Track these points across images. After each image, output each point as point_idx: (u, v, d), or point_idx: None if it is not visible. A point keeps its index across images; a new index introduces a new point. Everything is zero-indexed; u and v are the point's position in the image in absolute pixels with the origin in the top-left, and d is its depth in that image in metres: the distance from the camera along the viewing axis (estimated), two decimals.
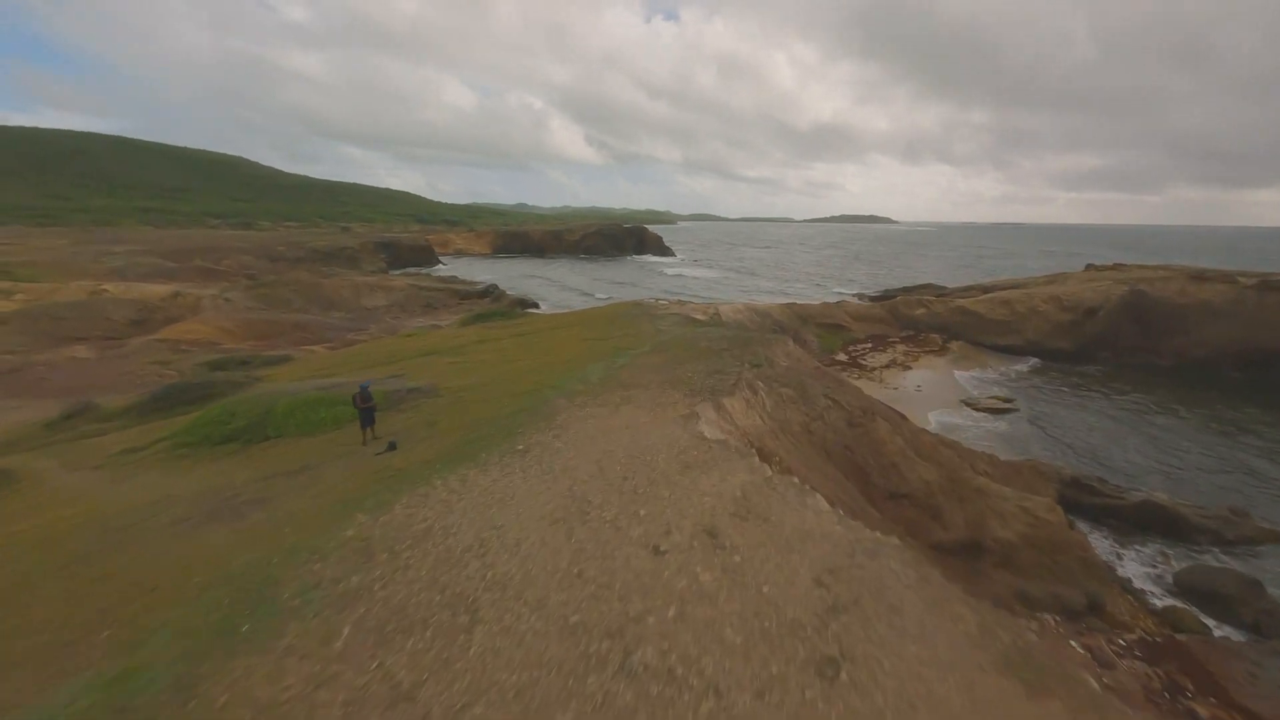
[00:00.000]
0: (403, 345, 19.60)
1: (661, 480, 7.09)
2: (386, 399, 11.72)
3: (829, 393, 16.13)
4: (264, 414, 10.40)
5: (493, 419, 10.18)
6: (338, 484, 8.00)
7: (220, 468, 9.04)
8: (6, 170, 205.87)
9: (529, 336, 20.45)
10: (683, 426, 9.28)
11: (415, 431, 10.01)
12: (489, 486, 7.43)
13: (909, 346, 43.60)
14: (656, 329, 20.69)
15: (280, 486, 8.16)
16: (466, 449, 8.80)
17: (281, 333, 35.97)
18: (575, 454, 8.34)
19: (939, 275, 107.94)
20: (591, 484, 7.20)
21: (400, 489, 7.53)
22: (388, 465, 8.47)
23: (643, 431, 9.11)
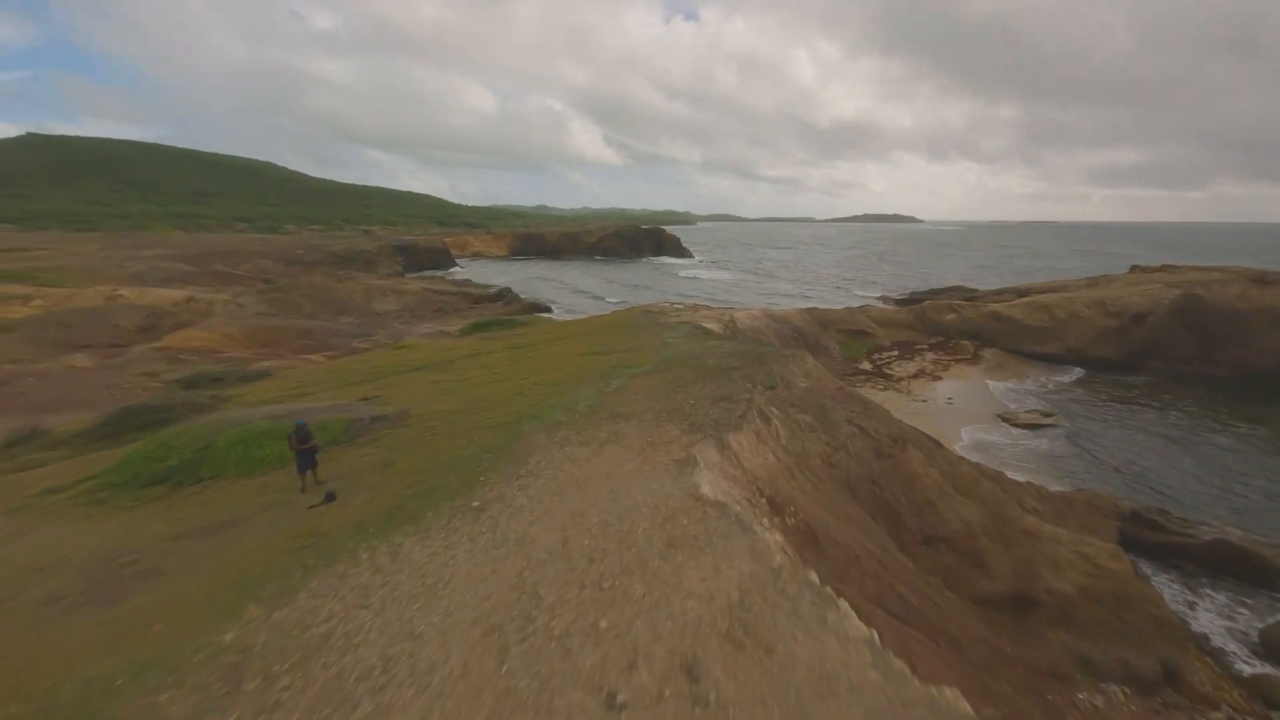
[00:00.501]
0: (391, 360, 18.36)
1: (637, 567, 5.47)
2: (347, 430, 10.36)
3: (853, 418, 14.27)
4: (203, 450, 9.16)
5: (456, 460, 8.69)
6: (249, 552, 6.59)
7: (134, 520, 7.77)
8: (49, 178, 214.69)
9: (524, 350, 19.03)
10: (675, 477, 7.64)
11: (364, 475, 8.59)
12: (424, 564, 5.91)
13: (938, 354, 41.06)
14: (663, 341, 19.06)
15: (185, 552, 6.80)
16: (414, 504, 7.31)
17: (286, 340, 35.34)
18: (539, 515, 6.77)
19: (967, 277, 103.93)
20: (548, 568, 5.62)
21: (316, 564, 6.06)
22: (315, 526, 7.03)
23: (626, 483, 7.50)
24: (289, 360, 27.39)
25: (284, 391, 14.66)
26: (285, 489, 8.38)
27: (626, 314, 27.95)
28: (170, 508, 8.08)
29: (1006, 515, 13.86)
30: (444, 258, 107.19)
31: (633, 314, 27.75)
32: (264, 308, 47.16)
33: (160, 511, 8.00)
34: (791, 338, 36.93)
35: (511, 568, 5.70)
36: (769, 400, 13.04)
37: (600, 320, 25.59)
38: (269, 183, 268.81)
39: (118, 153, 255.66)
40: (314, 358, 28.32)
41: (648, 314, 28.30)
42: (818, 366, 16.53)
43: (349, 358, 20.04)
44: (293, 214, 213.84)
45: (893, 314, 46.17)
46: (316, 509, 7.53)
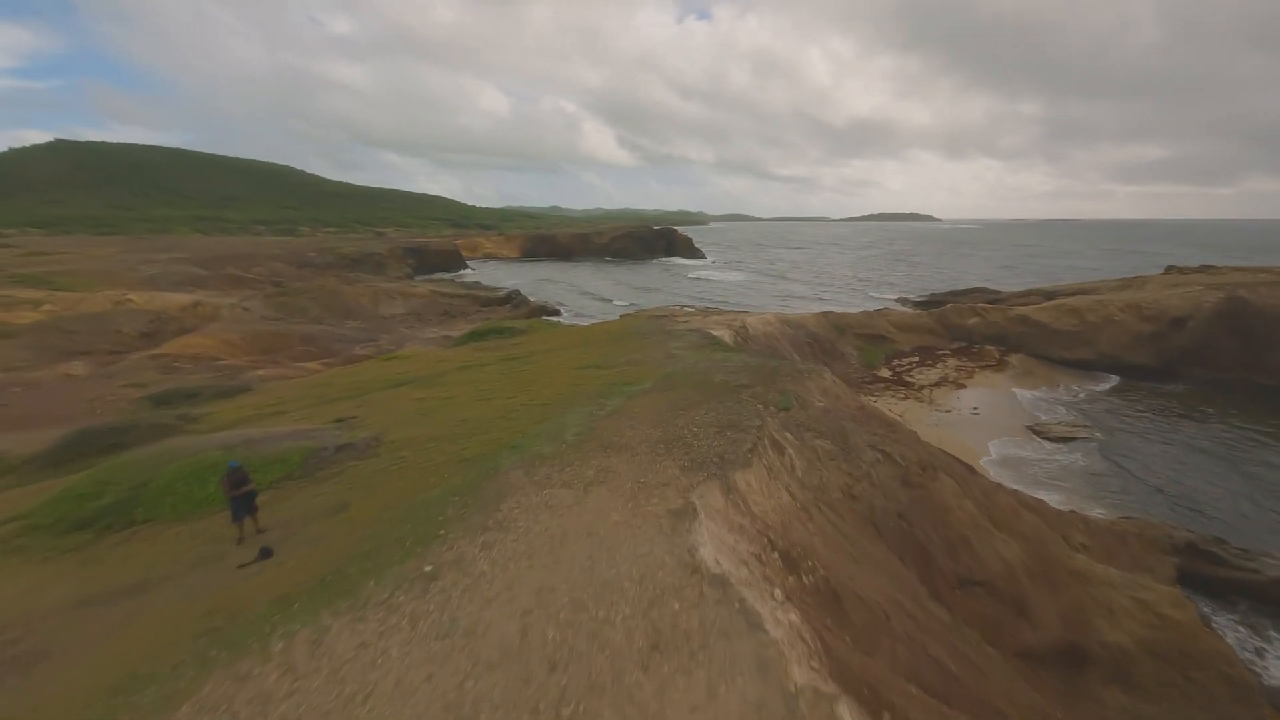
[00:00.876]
0: (379, 372, 17.33)
1: (609, 682, 4.21)
2: (307, 462, 9.27)
3: (877, 443, 12.83)
4: (141, 486, 8.14)
5: (418, 505, 7.52)
6: (149, 634, 5.47)
7: (44, 576, 6.74)
8: (77, 183, 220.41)
9: (519, 362, 17.89)
10: (669, 536, 6.37)
11: (313, 522, 7.44)
12: (347, 661, 4.72)
13: (961, 361, 39.13)
14: (667, 353, 17.78)
15: (82, 627, 5.71)
16: (356, 567, 6.14)
17: (287, 345, 34.75)
18: (499, 590, 5.55)
19: (988, 278, 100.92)
20: (498, 676, 4.39)
21: (217, 657, 4.91)
22: (235, 596, 5.89)
23: (610, 544, 6.24)
24: (286, 368, 26.66)
25: (259, 410, 13.69)
26: (221, 539, 7.29)
27: (632, 321, 26.70)
28: (87, 561, 7.03)
29: (1051, 553, 12.32)
30: (455, 260, 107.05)
31: (639, 321, 26.49)
32: (270, 312, 46.83)
33: (74, 567, 6.95)
34: (807, 344, 35.38)
35: (452, 674, 4.47)
36: (782, 424, 11.68)
37: (603, 328, 24.36)
38: (288, 186, 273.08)
39: (143, 158, 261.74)
40: (311, 365, 27.55)
41: (655, 320, 27.02)
42: (836, 383, 15.09)
43: (340, 368, 19.10)
44: (310, 217, 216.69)
45: (912, 318, 44.26)
46: (247, 569, 6.41)
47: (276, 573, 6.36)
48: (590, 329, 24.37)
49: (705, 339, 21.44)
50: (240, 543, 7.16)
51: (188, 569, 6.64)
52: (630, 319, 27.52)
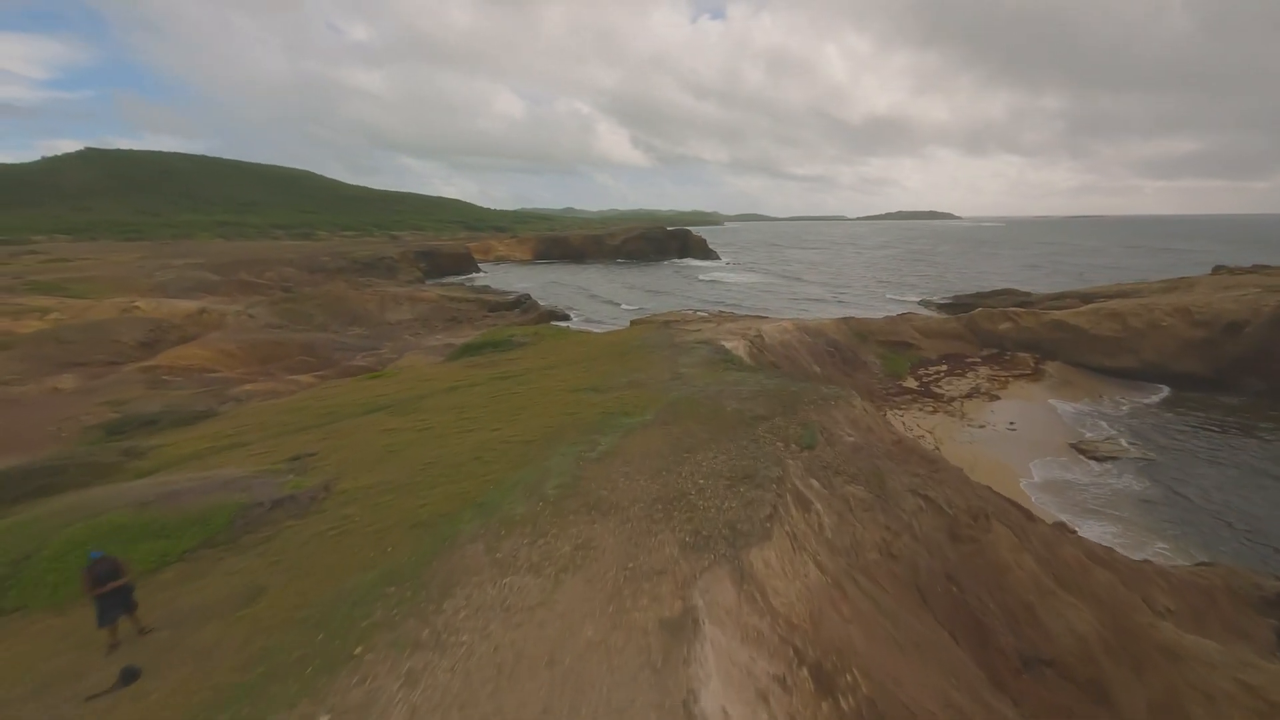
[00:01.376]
0: (357, 394, 15.86)
1: None
2: (234, 523, 7.71)
3: (918, 485, 10.91)
4: (25, 559, 6.70)
5: (342, 599, 5.90)
6: None
7: None
8: (107, 190, 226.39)
9: (513, 381, 16.28)
10: (660, 674, 4.63)
11: (210, 621, 5.85)
12: None
13: (993, 369, 36.62)
14: (674, 372, 16.02)
15: None
16: (229, 715, 4.49)
17: (286, 355, 33.75)
18: None
19: (1015, 278, 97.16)
20: None
21: None
22: None
23: (577, 686, 4.53)
24: (277, 381, 25.49)
25: (215, 442, 12.26)
26: (95, 643, 5.74)
27: (639, 331, 24.96)
28: None
29: (1132, 622, 10.27)
30: (467, 263, 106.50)
31: (646, 331, 24.75)
32: (276, 319, 46.16)
33: None
34: (826, 353, 33.29)
35: None
36: (807, 468, 9.83)
37: (607, 340, 22.65)
38: (307, 191, 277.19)
39: (169, 165, 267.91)
40: (304, 379, 26.35)
41: (663, 330, 25.26)
42: (867, 410, 13.16)
43: (319, 389, 17.69)
44: (328, 221, 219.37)
45: (939, 323, 41.77)
46: (97, 701, 4.85)
47: (132, 711, 4.75)
48: (592, 341, 22.69)
49: (717, 353, 19.62)
50: (113, 650, 5.59)
51: (27, 696, 5.09)
52: (637, 329, 25.80)
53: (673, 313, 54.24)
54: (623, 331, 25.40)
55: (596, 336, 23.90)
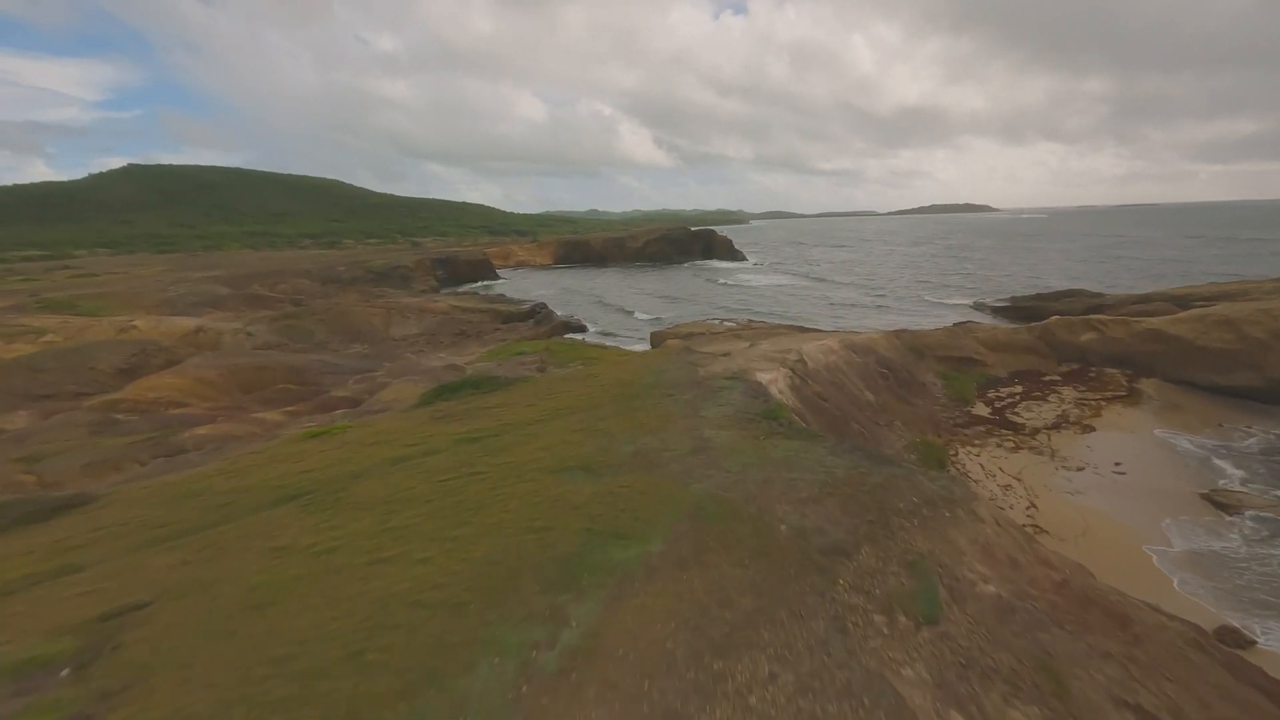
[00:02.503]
0: (275, 469, 12.08)
1: None
2: None
3: (1121, 685, 6.32)
4: None
5: None
6: None
7: None
8: (147, 203, 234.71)
9: (481, 447, 12.25)
10: None
11: None
12: None
13: (1079, 390, 30.92)
14: (698, 436, 11.69)
15: None
16: None
17: (270, 382, 30.69)
18: None
19: (1073, 275, 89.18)
20: None
21: None
22: None
23: None
24: (238, 422, 22.17)
25: (44, 562, 8.61)
26: None
27: (655, 360, 20.63)
28: None
29: None
30: (486, 270, 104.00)
31: (663, 360, 20.39)
32: (275, 336, 43.62)
33: None
34: (879, 375, 28.32)
35: None
36: (937, 679, 5.41)
37: (613, 375, 18.34)
38: (335, 199, 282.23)
39: (205, 178, 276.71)
40: (272, 416, 22.98)
41: (684, 358, 20.86)
42: (1000, 527, 8.53)
43: (244, 456, 13.94)
44: (355, 229, 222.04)
45: (1007, 335, 36.09)
46: None
47: None
48: (598, 377, 18.48)
49: (752, 396, 15.19)
50: None
51: None
52: (653, 357, 21.50)
53: (696, 323, 49.79)
54: (635, 361, 21.11)
55: (603, 369, 19.65)
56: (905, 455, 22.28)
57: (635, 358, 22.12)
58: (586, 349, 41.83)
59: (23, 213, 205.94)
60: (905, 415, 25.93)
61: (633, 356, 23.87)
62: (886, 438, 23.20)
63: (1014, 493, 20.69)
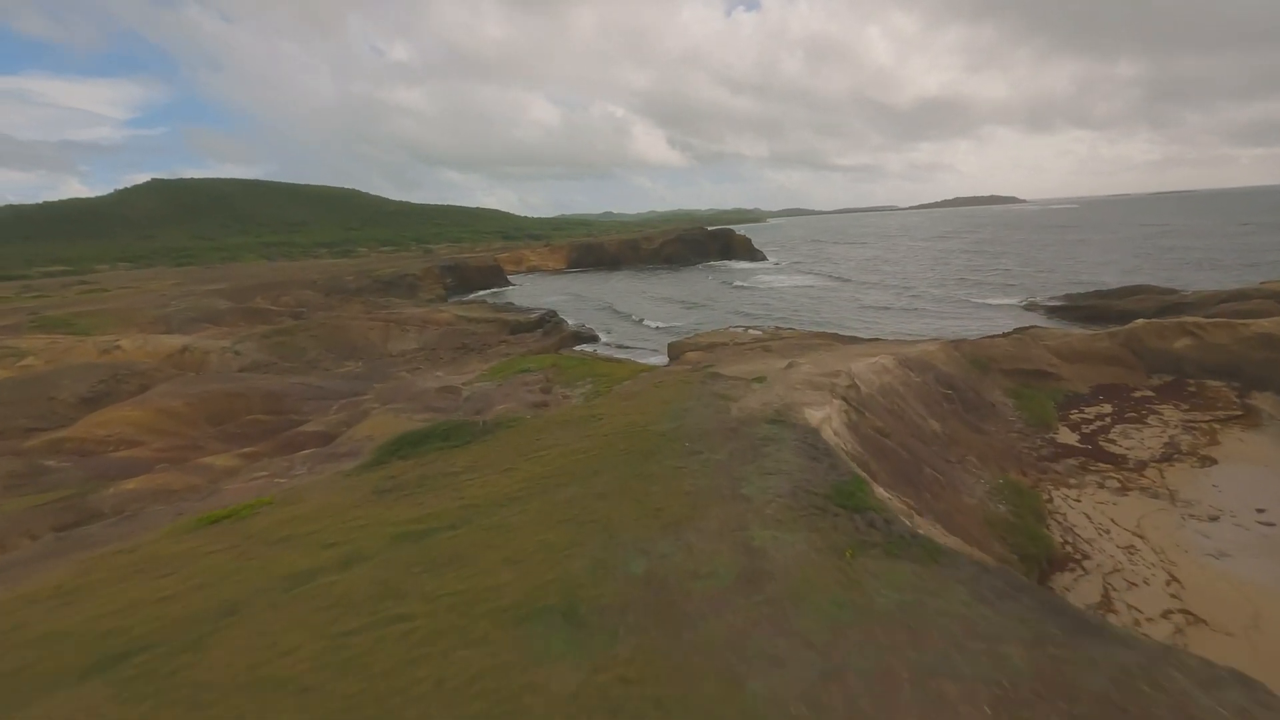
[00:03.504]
0: (128, 588, 8.42)
1: None
2: None
3: None
4: None
5: None
6: None
7: None
8: (169, 217, 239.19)
9: (425, 545, 8.56)
10: None
11: None
12: None
13: (1182, 409, 25.83)
14: (743, 539, 7.60)
15: None
16: None
17: (242, 410, 27.44)
18: None
19: (1120, 267, 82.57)
20: None
21: None
22: None
23: None
24: (182, 471, 18.74)
25: None
26: None
27: (673, 394, 16.50)
28: None
29: None
30: (496, 276, 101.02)
31: (684, 394, 16.26)
32: (264, 355, 40.70)
33: None
34: (942, 397, 23.74)
35: None
36: None
37: (623, 419, 14.27)
38: (352, 208, 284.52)
39: (227, 191, 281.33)
40: (222, 462, 19.51)
41: (709, 389, 16.71)
42: None
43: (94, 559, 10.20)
44: (371, 237, 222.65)
45: (1084, 342, 31.02)
46: None
47: None
48: (600, 417, 14.46)
49: (810, 455, 11.02)
50: None
51: None
52: (671, 385, 17.39)
53: (717, 332, 45.53)
54: (649, 393, 16.99)
55: (609, 406, 15.58)
56: (992, 504, 17.77)
57: (650, 386, 17.99)
58: (597, 364, 37.93)
59: (52, 229, 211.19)
60: (979, 447, 21.34)
61: (647, 383, 19.74)
62: (964, 481, 18.69)
63: (1141, 557, 16.03)
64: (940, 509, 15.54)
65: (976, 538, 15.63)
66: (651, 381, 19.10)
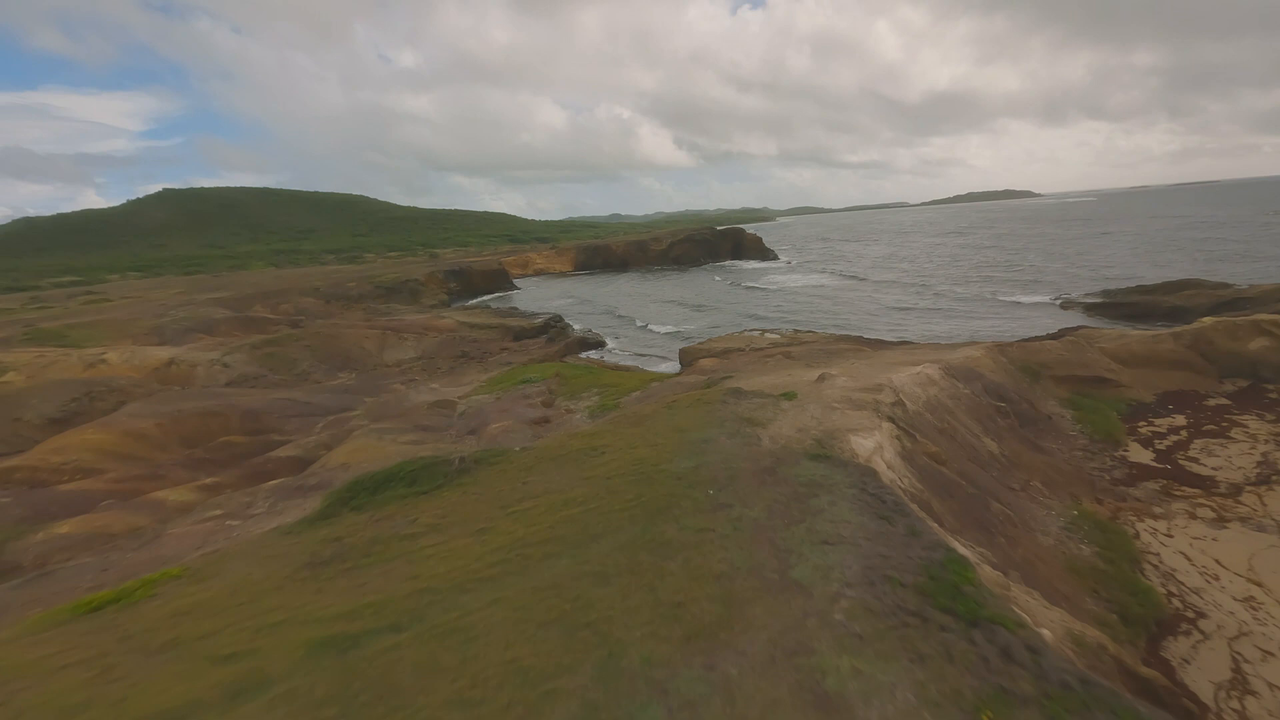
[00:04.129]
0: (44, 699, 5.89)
1: None
2: None
3: None
4: None
5: None
6: None
7: None
8: (180, 226, 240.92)
9: (351, 661, 6.02)
10: None
11: None
12: None
13: (1267, 419, 22.65)
14: (809, 670, 4.94)
15: None
16: None
17: (219, 430, 25.30)
18: None
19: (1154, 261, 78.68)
20: None
21: None
22: None
23: None
24: (129, 509, 16.45)
25: None
26: None
27: (689, 418, 13.83)
28: None
29: None
30: (501, 280, 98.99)
31: (702, 418, 13.64)
32: (253, 367, 38.69)
33: None
34: (993, 409, 20.84)
35: None
36: None
37: (630, 452, 11.67)
38: (360, 214, 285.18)
39: (236, 199, 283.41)
40: (176, 496, 17.21)
41: (732, 410, 14.06)
42: None
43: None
44: (379, 243, 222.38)
45: (1144, 344, 27.86)
46: None
47: None
48: (602, 452, 11.89)
49: (876, 512, 8.35)
50: None
51: None
52: (688, 408, 14.78)
53: (732, 337, 42.79)
54: (660, 418, 14.35)
55: (614, 436, 13.00)
56: (1072, 544, 14.90)
57: (662, 407, 15.37)
58: (603, 373, 35.37)
59: (66, 240, 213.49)
60: (1043, 470, 18.46)
61: (658, 401, 17.15)
62: (1034, 514, 15.83)
63: (1268, 613, 13.08)
64: (1019, 557, 12.76)
65: (1064, 593, 12.82)
66: (663, 400, 16.46)
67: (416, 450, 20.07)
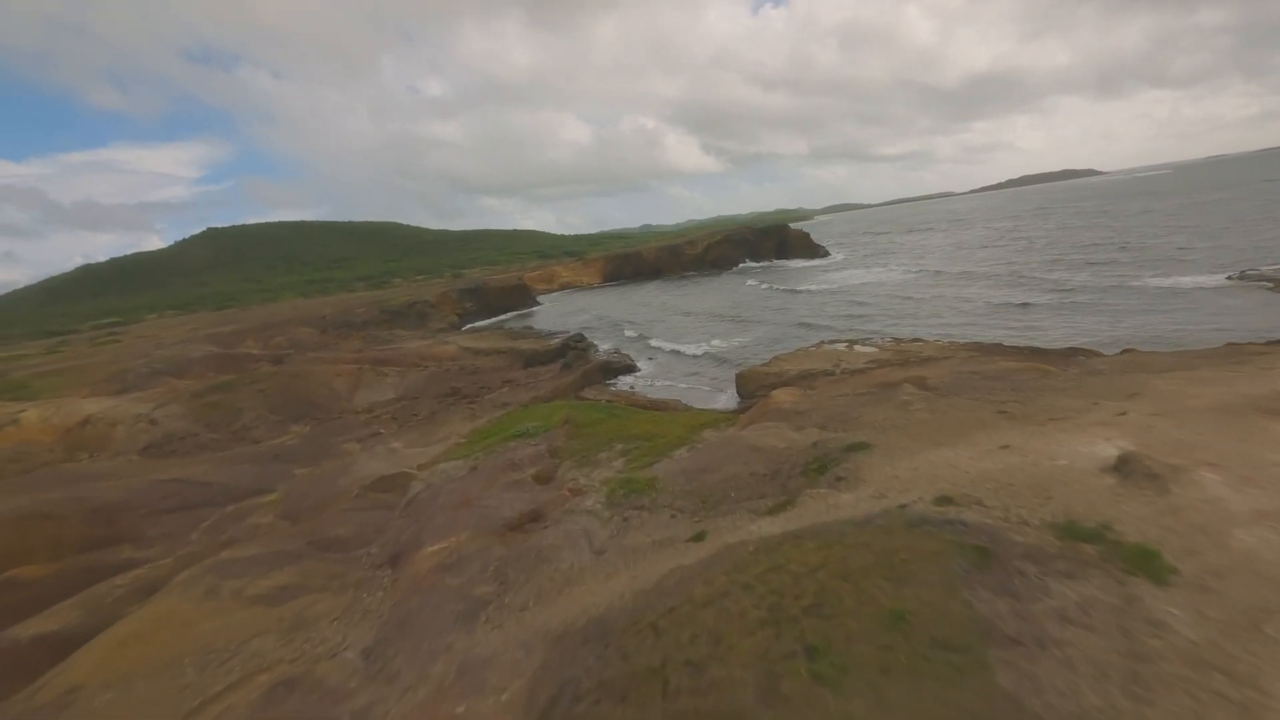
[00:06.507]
0: None
1: None
2: None
3: None
4: None
5: None
6: None
7: None
8: (219, 263, 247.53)
9: None
10: None
11: None
12: None
13: None
14: None
15: None
16: None
17: (41, 545, 16.29)
18: None
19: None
20: None
21: None
22: None
23: None
24: None
25: None
26: None
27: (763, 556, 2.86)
28: None
29: None
30: (522, 297, 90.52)
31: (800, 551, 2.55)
32: (186, 422, 30.33)
33: None
34: None
35: None
36: None
37: None
38: (391, 240, 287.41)
39: (276, 234, 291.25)
40: None
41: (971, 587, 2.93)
42: None
43: None
44: (408, 267, 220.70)
45: None
46: None
47: None
48: None
49: None
50: None
51: None
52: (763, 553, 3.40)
53: (805, 351, 31.70)
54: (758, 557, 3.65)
55: None
56: None
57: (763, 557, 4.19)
58: (630, 417, 24.77)
59: (119, 283, 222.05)
60: None
61: (750, 550, 6.09)
62: None
63: None
64: None
65: None
66: (765, 550, 5.58)
67: (260, 620, 10.20)
